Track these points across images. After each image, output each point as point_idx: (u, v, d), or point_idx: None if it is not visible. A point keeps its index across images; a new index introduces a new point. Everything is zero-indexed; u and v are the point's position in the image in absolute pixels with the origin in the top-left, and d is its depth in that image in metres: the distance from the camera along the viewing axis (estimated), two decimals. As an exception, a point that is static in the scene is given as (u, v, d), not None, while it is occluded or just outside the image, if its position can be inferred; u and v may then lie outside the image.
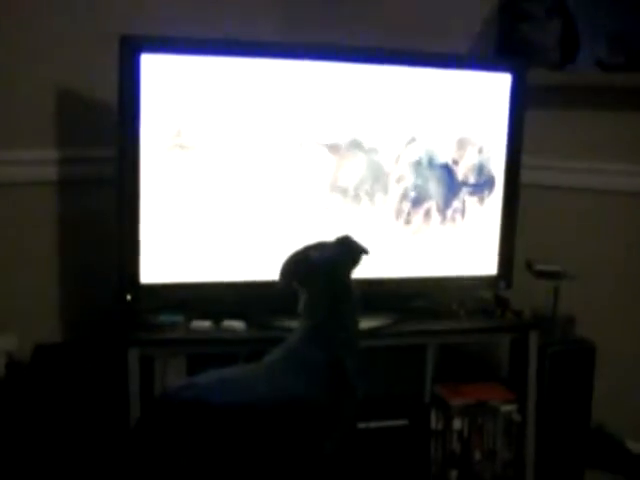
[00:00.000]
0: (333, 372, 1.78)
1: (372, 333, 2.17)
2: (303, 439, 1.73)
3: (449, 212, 2.33)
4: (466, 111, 2.30)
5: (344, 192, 2.23)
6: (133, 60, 2.02)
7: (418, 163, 2.28)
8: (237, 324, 2.14)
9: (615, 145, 2.57)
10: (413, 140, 2.27)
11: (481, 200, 2.36)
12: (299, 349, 1.80)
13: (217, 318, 2.15)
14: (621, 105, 2.52)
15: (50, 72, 2.23)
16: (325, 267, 1.87)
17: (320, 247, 1.92)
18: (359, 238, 1.96)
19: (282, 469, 1.71)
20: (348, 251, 1.92)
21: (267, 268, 2.18)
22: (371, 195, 2.25)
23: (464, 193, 2.34)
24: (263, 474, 1.68)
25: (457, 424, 2.32)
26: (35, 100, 2.23)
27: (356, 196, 2.24)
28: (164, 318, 2.12)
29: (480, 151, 2.33)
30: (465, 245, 2.36)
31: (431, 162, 2.29)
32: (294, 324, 1.91)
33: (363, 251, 1.93)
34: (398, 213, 2.29)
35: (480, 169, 2.34)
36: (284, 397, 1.72)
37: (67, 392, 2.05)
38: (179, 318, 2.14)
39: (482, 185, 2.35)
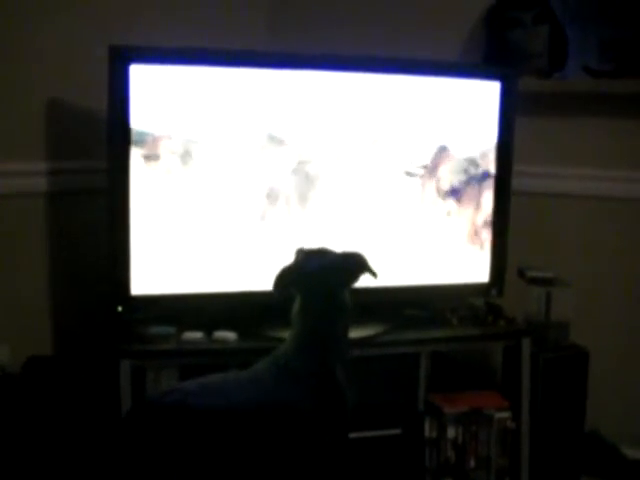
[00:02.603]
0: (318, 379, 1.78)
1: (365, 342, 2.16)
2: (285, 444, 1.73)
3: (440, 220, 2.33)
4: (456, 119, 2.31)
5: (335, 201, 2.24)
6: (122, 71, 2.02)
7: (407, 172, 2.28)
8: (229, 335, 2.14)
9: (605, 152, 2.58)
10: (401, 148, 2.27)
11: (472, 207, 2.36)
12: (284, 356, 1.80)
13: (209, 329, 2.15)
14: (611, 112, 2.53)
15: (39, 83, 2.23)
16: (317, 274, 1.85)
17: (320, 254, 1.90)
18: (370, 259, 1.90)
19: (265, 475, 1.71)
20: (350, 264, 1.89)
21: (258, 278, 2.18)
22: (362, 203, 2.26)
23: (454, 200, 2.34)
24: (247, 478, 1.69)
25: (451, 432, 2.31)
26: (24, 111, 2.23)
27: (347, 206, 2.25)
28: (155, 329, 2.11)
29: (470, 159, 2.34)
30: (456, 253, 2.36)
31: (421, 171, 2.30)
32: (286, 334, 1.91)
33: (368, 270, 1.89)
34: (389, 221, 2.29)
35: (470, 177, 2.35)
36: (265, 402, 1.72)
37: (58, 404, 2.04)
38: (170, 329, 2.13)
39: (472, 193, 2.36)
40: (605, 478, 2.49)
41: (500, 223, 2.38)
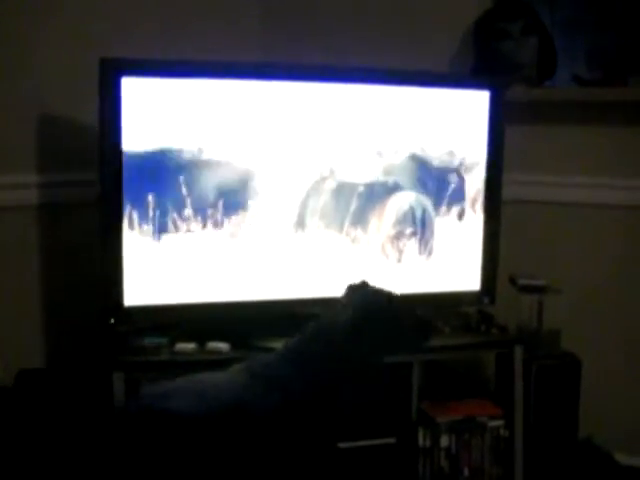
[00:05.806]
0: (297, 393, 1.76)
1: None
2: (244, 451, 1.72)
3: (431, 229, 2.34)
4: (446, 129, 2.32)
5: (328, 215, 2.24)
6: (114, 83, 2.02)
7: (397, 185, 2.29)
8: (222, 345, 2.13)
9: (595, 159, 2.59)
10: (392, 159, 2.28)
11: (463, 216, 2.37)
12: (261, 364, 1.79)
13: (202, 340, 2.14)
14: (599, 120, 2.54)
15: (31, 95, 2.24)
16: (379, 317, 1.83)
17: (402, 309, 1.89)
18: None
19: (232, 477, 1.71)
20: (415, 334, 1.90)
21: (251, 289, 2.18)
22: (356, 211, 2.27)
23: (446, 209, 2.35)
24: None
25: (444, 441, 2.31)
26: (16, 124, 2.23)
27: (338, 218, 2.26)
28: (148, 341, 2.11)
29: (460, 168, 2.35)
30: (448, 261, 2.37)
31: (412, 182, 2.31)
32: (279, 344, 1.91)
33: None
34: (382, 234, 2.30)
35: (461, 186, 2.36)
36: (229, 405, 1.71)
37: (51, 417, 2.03)
38: (163, 340, 2.13)
39: (464, 201, 2.37)
40: (599, 485, 2.50)
41: (491, 231, 2.39)
